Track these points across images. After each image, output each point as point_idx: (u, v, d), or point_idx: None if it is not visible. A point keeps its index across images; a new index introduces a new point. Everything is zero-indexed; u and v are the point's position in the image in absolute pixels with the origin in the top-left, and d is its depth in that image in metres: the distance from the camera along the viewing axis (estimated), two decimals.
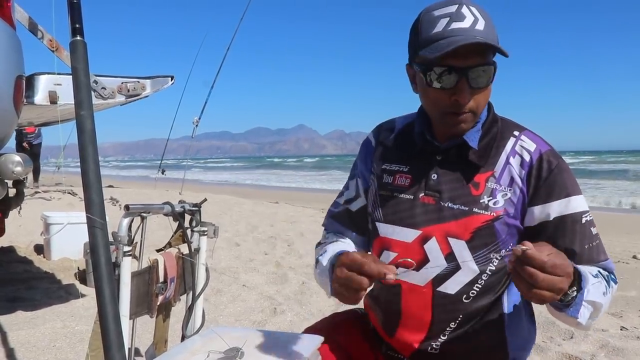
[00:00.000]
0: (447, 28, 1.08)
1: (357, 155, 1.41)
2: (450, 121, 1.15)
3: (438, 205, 1.20)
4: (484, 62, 1.10)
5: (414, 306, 1.23)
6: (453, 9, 1.09)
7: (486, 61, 1.10)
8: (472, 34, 1.07)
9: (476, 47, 1.06)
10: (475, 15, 1.09)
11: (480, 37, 1.06)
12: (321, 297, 3.69)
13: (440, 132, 1.23)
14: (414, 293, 1.22)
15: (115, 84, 2.38)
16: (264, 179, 28.92)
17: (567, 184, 1.16)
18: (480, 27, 1.08)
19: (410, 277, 1.21)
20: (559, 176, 1.16)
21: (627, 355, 2.60)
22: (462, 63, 1.08)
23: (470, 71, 1.08)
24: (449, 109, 1.13)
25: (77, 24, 1.39)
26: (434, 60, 1.09)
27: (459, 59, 1.07)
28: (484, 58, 1.09)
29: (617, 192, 16.10)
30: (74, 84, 1.32)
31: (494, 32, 1.10)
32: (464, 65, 1.08)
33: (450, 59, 1.08)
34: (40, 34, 2.12)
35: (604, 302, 1.06)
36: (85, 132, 1.26)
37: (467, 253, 1.17)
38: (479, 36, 1.06)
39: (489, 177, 1.18)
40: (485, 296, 1.20)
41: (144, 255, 1.49)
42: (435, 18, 1.11)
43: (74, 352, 2.64)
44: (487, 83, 1.12)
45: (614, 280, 1.16)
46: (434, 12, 1.12)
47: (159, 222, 4.16)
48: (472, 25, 1.08)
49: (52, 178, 13.02)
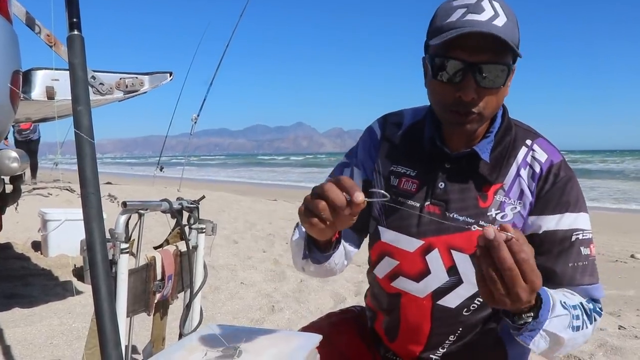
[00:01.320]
0: (461, 18, 1.00)
1: (357, 143, 1.32)
2: (453, 120, 1.07)
3: (443, 216, 1.14)
4: (497, 60, 1.00)
5: (413, 316, 1.20)
6: (473, 1, 1.01)
7: (499, 60, 1.01)
8: (488, 27, 0.97)
9: (489, 41, 0.98)
10: (496, 10, 1.00)
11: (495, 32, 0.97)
12: (319, 295, 3.69)
13: (452, 137, 1.16)
14: (413, 304, 1.19)
15: (114, 79, 2.37)
16: (263, 177, 28.94)
17: (566, 199, 1.10)
18: (499, 23, 0.99)
19: (410, 287, 1.18)
20: (561, 190, 1.10)
21: (625, 354, 2.60)
22: (471, 57, 1.00)
23: (479, 67, 1.00)
24: (453, 106, 1.05)
25: (74, 18, 1.37)
26: (440, 51, 1.02)
27: (468, 52, 0.99)
28: (497, 56, 1.00)
29: (615, 191, 16.13)
30: (71, 79, 1.30)
31: (514, 33, 1.01)
32: (472, 60, 1.00)
33: (458, 52, 1.00)
34: (38, 29, 2.10)
35: (570, 337, 0.96)
36: (82, 128, 1.25)
37: (470, 267, 1.11)
38: (494, 31, 0.97)
39: (497, 189, 1.12)
40: (486, 308, 1.16)
41: (141, 252, 1.47)
42: (452, 8, 1.03)
43: (70, 349, 2.63)
44: (499, 85, 1.03)
45: (598, 312, 1.07)
46: (454, 2, 1.03)
47: (157, 219, 4.15)
48: (490, 19, 0.99)
49: (50, 175, 12.98)
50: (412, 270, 1.18)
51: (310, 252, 1.13)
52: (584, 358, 2.52)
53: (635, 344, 2.75)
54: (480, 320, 1.18)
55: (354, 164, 1.29)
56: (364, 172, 1.27)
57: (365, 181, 1.27)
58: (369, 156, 1.27)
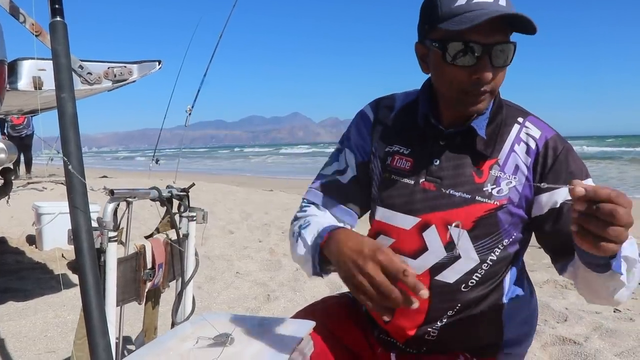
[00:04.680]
0: (470, 1, 1.02)
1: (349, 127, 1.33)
2: (469, 101, 1.09)
3: (439, 192, 1.15)
4: (506, 39, 1.05)
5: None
6: None
7: (508, 39, 1.05)
8: (496, 8, 1.01)
9: (501, 23, 1.02)
10: None
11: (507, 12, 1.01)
12: (315, 283, 3.68)
13: (447, 115, 1.17)
14: None
15: (102, 69, 2.33)
16: (259, 168, 28.97)
17: (573, 168, 1.12)
18: (503, 2, 1.03)
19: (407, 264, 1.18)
20: (564, 162, 1.12)
21: (620, 337, 2.61)
22: (486, 39, 1.02)
23: (494, 48, 1.03)
24: (469, 87, 1.07)
25: (56, 4, 1.34)
26: (455, 35, 1.03)
27: (482, 34, 1.02)
28: (506, 35, 1.05)
29: (615, 176, 16.15)
30: (55, 66, 1.27)
31: (515, 10, 1.05)
32: (488, 42, 1.03)
33: (473, 34, 1.02)
34: (22, 18, 2.06)
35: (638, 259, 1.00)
36: (66, 115, 1.22)
37: (468, 242, 1.13)
38: (503, 11, 1.01)
39: (492, 164, 1.14)
40: (484, 285, 1.17)
41: (131, 242, 1.46)
42: None
43: (65, 341, 2.62)
44: (507, 62, 1.07)
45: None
46: None
47: (151, 211, 4.13)
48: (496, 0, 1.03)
49: (45, 169, 12.92)
50: (408, 247, 1.18)
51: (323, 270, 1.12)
52: (579, 341, 2.53)
53: (630, 327, 2.77)
54: (479, 298, 1.18)
55: (347, 147, 1.30)
56: (359, 155, 1.28)
57: (360, 163, 1.28)
58: (364, 138, 1.28)
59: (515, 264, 1.22)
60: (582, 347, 2.45)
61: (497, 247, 1.15)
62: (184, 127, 10.54)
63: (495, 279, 1.18)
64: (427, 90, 1.22)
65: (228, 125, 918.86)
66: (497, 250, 1.15)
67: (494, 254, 1.15)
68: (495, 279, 1.18)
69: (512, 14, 1.00)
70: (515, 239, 1.16)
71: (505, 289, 1.20)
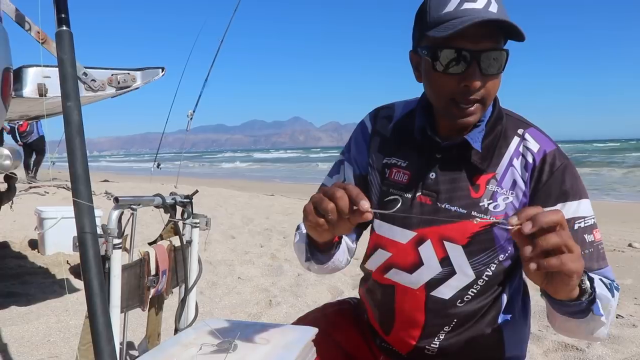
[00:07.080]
0: (458, 8, 1.00)
1: (350, 138, 1.33)
2: (458, 113, 1.06)
3: (435, 206, 1.13)
4: (497, 46, 1.02)
5: (407, 307, 1.20)
6: None
7: (499, 46, 1.03)
8: (484, 14, 0.99)
9: (489, 28, 1.00)
10: None
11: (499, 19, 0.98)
12: (317, 289, 3.69)
13: (444, 126, 1.15)
14: (407, 295, 1.19)
15: (105, 76, 2.35)
16: (260, 173, 28.97)
17: (566, 188, 1.09)
18: (494, 9, 1.01)
19: (404, 279, 1.18)
20: (559, 179, 1.09)
21: (623, 343, 2.60)
22: (474, 46, 1.00)
23: (483, 55, 1.00)
24: (457, 96, 1.04)
25: (62, 13, 1.36)
26: (442, 42, 1.01)
27: (470, 41, 1.00)
28: (496, 42, 1.02)
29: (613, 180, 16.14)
30: (60, 75, 1.29)
31: (507, 17, 1.02)
32: (476, 49, 1.00)
33: (460, 41, 1.00)
34: (28, 26, 2.08)
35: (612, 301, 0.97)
36: (72, 124, 1.23)
37: (463, 258, 1.11)
38: (488, 17, 0.98)
39: (489, 179, 1.12)
40: (480, 299, 1.16)
41: (135, 248, 1.47)
42: None
43: (68, 346, 2.62)
44: (499, 70, 1.04)
45: (616, 287, 1.06)
46: None
47: (155, 217, 4.14)
48: (486, 6, 1.00)
49: (48, 173, 12.95)
50: (405, 261, 1.18)
51: (313, 255, 1.15)
52: (581, 347, 2.53)
53: (633, 333, 2.76)
54: (476, 311, 1.17)
55: (346, 159, 1.30)
56: (357, 168, 1.28)
57: (357, 176, 1.27)
58: (362, 151, 1.28)
59: (512, 280, 1.20)
60: (584, 354, 2.45)
61: (493, 263, 1.13)
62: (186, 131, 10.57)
63: (492, 294, 1.17)
64: (425, 100, 1.20)
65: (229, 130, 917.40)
66: (492, 265, 1.13)
67: (489, 270, 1.13)
68: (492, 294, 1.17)
69: (495, 19, 0.98)
70: (512, 254, 1.14)
71: (504, 299, 1.19)
